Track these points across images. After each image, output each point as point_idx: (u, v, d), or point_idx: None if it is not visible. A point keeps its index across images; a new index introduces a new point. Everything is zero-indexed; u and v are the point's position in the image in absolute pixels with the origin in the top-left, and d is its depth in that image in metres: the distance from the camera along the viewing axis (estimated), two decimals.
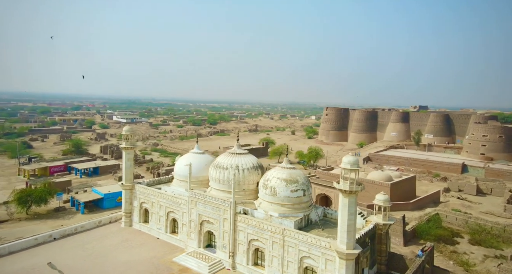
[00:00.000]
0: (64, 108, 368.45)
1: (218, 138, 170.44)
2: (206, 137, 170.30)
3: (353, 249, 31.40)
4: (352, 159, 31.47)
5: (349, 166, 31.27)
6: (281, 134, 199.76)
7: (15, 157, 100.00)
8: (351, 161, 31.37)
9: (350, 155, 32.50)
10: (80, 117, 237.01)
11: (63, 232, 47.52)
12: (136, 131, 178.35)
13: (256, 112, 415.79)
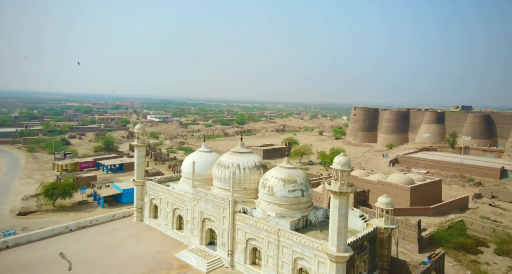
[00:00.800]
0: (106, 108, 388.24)
1: (244, 137, 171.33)
2: (232, 136, 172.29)
3: (344, 251, 30.63)
4: (343, 159, 30.74)
5: (339, 167, 30.60)
6: (309, 134, 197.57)
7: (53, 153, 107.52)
8: (341, 162, 30.68)
9: (343, 155, 31.66)
10: (118, 117, 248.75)
11: (78, 224, 50.42)
12: (166, 130, 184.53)
13: (287, 112, 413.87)
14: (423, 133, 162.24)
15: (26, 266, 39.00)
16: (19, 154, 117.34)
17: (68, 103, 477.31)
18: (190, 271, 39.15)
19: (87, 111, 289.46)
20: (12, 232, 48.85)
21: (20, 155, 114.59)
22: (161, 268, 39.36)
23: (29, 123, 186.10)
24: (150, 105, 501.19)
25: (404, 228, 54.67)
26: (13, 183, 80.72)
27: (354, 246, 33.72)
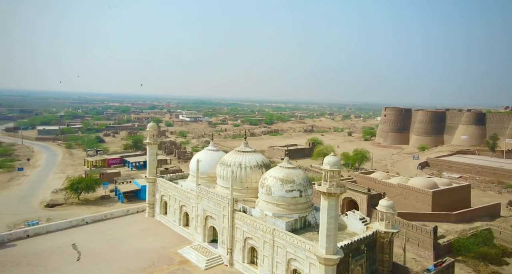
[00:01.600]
0: (142, 107, 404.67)
1: (270, 137, 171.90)
2: (258, 136, 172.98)
3: (334, 254, 29.96)
4: (332, 160, 30.06)
5: (328, 167, 29.98)
6: (337, 135, 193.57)
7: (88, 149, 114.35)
8: (330, 162, 30.02)
9: (332, 155, 30.96)
10: (152, 116, 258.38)
11: (94, 218, 53.24)
12: (195, 129, 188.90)
13: (319, 113, 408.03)
14: (460, 135, 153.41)
15: (40, 255, 41.86)
16: (58, 150, 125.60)
17: (110, 103, 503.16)
18: (190, 267, 40.04)
19: (125, 111, 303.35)
20: (35, 222, 52.58)
21: (59, 151, 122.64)
22: (162, 263, 40.62)
23: (71, 121, 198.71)
24: (185, 105, 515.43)
25: (419, 234, 52.28)
26: (47, 177, 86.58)
27: (348, 249, 32.87)
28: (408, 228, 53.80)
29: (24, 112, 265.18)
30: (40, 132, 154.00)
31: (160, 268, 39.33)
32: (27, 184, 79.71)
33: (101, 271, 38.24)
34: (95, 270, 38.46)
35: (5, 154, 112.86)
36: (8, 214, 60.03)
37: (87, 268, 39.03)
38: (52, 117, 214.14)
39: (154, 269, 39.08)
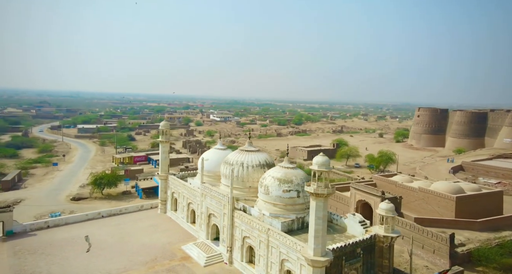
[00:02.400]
0: (177, 107, 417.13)
1: (296, 138, 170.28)
2: (284, 137, 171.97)
3: (322, 256, 29.36)
4: (320, 160, 29.50)
5: (316, 167, 29.47)
6: (367, 136, 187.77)
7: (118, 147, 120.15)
8: (318, 162, 29.51)
9: (321, 155, 30.33)
10: (184, 116, 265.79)
11: (109, 212, 55.90)
12: (223, 129, 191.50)
13: (352, 113, 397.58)
14: (503, 138, 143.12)
15: (55, 245, 44.68)
16: (92, 147, 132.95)
17: (149, 103, 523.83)
18: (190, 264, 40.90)
19: (160, 111, 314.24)
20: (58, 214, 56.16)
21: (93, 148, 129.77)
22: (164, 258, 41.84)
23: (109, 120, 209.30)
24: (218, 105, 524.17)
25: (434, 241, 49.75)
26: (78, 172, 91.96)
27: (341, 251, 32.09)
28: (423, 234, 51.37)
29: (70, 112, 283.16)
30: (80, 130, 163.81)
31: (161, 263, 40.55)
32: (58, 178, 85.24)
33: (106, 263, 40.11)
34: (101, 262, 40.42)
35: (46, 150, 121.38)
36: (37, 205, 64.62)
37: (95, 259, 41.11)
38: (92, 116, 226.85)
39: (156, 264, 40.36)
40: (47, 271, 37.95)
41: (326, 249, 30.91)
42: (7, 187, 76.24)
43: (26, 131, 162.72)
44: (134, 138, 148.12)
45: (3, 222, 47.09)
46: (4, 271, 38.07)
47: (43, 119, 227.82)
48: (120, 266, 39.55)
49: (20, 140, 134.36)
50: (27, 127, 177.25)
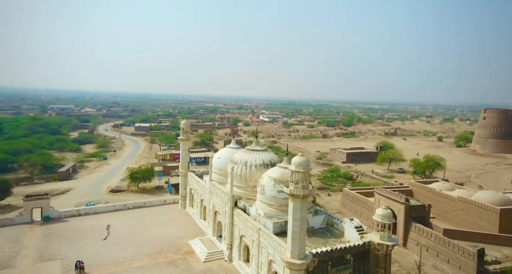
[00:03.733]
0: (231, 108, 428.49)
1: (341, 139, 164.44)
2: (329, 138, 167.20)
3: (298, 258, 28.60)
4: (298, 160, 28.70)
5: (293, 167, 28.76)
6: (424, 140, 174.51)
7: (163, 144, 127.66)
8: (296, 162, 28.76)
9: (300, 155, 29.47)
10: (236, 116, 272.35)
11: (134, 204, 59.83)
12: (268, 129, 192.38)
13: (414, 115, 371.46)
14: None
15: (79, 231, 49.17)
16: (143, 144, 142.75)
17: (206, 104, 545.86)
18: (191, 258, 42.25)
19: (213, 111, 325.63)
20: (92, 204, 61.65)
21: (143, 145, 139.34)
22: (169, 251, 43.77)
23: (163, 120, 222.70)
24: (273, 106, 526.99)
25: (461, 256, 45.39)
26: (123, 166, 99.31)
27: (326, 256, 30.94)
28: (448, 247, 47.01)
29: (134, 112, 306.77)
30: (136, 128, 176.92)
31: (165, 255, 42.49)
32: (105, 171, 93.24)
33: (117, 251, 43.12)
34: (113, 250, 43.57)
35: (104, 145, 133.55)
36: (79, 195, 71.57)
37: (108, 247, 44.45)
38: (151, 116, 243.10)
39: (160, 256, 42.41)
40: (65, 254, 41.98)
41: (308, 252, 30.06)
42: (62, 177, 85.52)
43: (93, 129, 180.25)
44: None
45: (42, 208, 53.06)
46: (31, 251, 42.98)
47: (110, 118, 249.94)
48: (127, 255, 42.28)
49: (85, 136, 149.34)
50: (94, 125, 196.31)
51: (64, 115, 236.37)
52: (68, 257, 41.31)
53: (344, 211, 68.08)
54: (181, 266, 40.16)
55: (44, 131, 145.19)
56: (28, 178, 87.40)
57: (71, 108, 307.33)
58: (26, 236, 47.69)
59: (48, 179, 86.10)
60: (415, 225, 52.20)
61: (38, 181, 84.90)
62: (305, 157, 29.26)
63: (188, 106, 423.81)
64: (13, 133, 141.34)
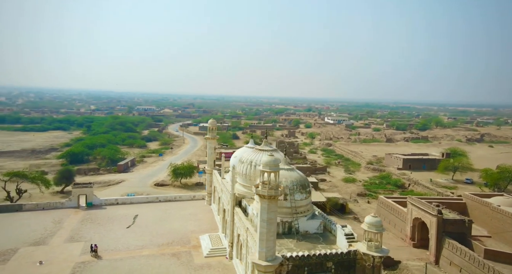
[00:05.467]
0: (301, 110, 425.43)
1: (407, 144, 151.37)
2: (394, 142, 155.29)
3: (266, 260, 27.93)
4: (266, 159, 28.04)
5: (261, 167, 28.24)
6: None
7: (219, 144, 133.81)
8: (263, 161, 28.18)
9: (270, 155, 28.71)
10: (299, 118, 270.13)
11: (165, 198, 63.81)
12: (328, 131, 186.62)
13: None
14: None
15: (110, 218, 54.36)
16: (201, 143, 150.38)
17: (277, 105, 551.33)
18: (196, 252, 43.71)
19: (279, 113, 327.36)
20: (132, 194, 67.56)
21: (200, 144, 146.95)
22: (178, 243, 45.93)
23: (228, 120, 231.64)
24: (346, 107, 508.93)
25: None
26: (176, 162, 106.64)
27: (303, 261, 29.69)
28: (483, 270, 40.82)
29: (205, 112, 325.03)
30: (200, 128, 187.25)
31: (172, 247, 44.70)
32: (158, 166, 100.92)
33: (133, 240, 46.60)
34: (130, 238, 47.23)
35: (166, 143, 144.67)
36: (128, 186, 78.91)
37: (128, 235, 48.33)
38: (217, 116, 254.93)
39: (168, 247, 44.76)
40: (90, 238, 46.89)
41: (281, 255, 29.17)
42: (120, 169, 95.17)
43: (163, 127, 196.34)
44: (238, 137, 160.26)
45: (86, 195, 60.01)
46: (66, 232, 48.94)
47: (182, 119, 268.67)
48: (140, 243, 45.53)
49: (153, 134, 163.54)
50: (166, 125, 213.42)
51: (144, 115, 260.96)
52: (91, 240, 46.05)
53: None
54: (183, 259, 41.88)
55: (121, 129, 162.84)
56: (96, 169, 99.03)
57: (153, 109, 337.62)
58: (68, 218, 54.44)
59: (110, 170, 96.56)
60: (449, 242, 46.33)
61: (103, 172, 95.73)
62: (274, 157, 28.44)
63: (256, 108, 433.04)
64: (97, 130, 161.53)
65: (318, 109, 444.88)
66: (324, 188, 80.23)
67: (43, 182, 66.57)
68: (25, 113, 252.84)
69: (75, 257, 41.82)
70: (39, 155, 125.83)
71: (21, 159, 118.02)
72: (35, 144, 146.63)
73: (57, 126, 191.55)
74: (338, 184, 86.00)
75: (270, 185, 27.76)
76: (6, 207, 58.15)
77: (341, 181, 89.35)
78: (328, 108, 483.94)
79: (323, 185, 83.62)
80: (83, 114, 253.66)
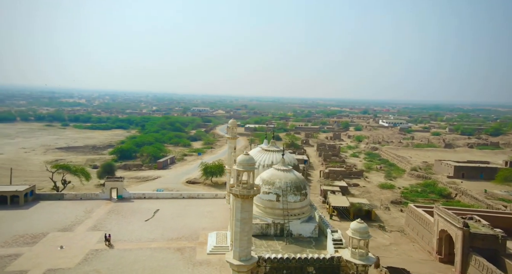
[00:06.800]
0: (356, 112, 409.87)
1: (469, 150, 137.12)
2: (452, 149, 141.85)
3: (240, 260, 27.68)
4: (239, 158, 27.81)
5: (235, 166, 28.07)
6: None
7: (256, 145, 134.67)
8: (238, 160, 28.00)
9: (245, 154, 28.32)
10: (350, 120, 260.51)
11: (189, 195, 65.86)
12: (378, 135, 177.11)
13: None
14: None
15: (133, 211, 57.61)
16: (243, 143, 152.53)
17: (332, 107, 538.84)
18: (201, 249, 44.44)
19: (330, 115, 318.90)
20: (161, 190, 70.97)
21: (242, 144, 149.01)
22: (186, 239, 47.10)
23: (275, 121, 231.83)
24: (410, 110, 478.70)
25: None
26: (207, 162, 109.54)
27: (280, 264, 29.08)
28: None
29: (255, 114, 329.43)
30: (245, 129, 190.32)
31: (179, 242, 45.97)
32: (195, 165, 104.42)
33: (146, 233, 48.72)
34: (144, 231, 49.43)
35: (209, 142, 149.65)
36: (162, 182, 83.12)
37: (143, 228, 50.74)
38: (265, 118, 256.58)
39: (175, 241, 46.15)
40: (109, 228, 50.11)
41: (259, 256, 28.73)
42: (159, 166, 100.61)
43: (210, 128, 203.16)
44: (280, 138, 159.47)
45: (117, 188, 64.47)
46: (92, 221, 52.97)
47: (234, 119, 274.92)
48: (152, 237, 47.61)
49: (199, 134, 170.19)
50: (214, 125, 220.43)
51: (197, 116, 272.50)
52: (110, 230, 49.20)
53: (407, 230, 58.91)
54: (186, 254, 42.94)
55: (170, 128, 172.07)
56: (140, 165, 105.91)
57: (207, 110, 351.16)
58: (98, 209, 58.90)
59: (151, 167, 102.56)
60: (476, 258, 41.45)
61: (144, 168, 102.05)
62: (249, 156, 28.05)
63: (309, 109, 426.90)
64: (149, 129, 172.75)
65: (375, 112, 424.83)
66: (355, 193, 76.51)
67: (84, 174, 72.88)
68: (96, 113, 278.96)
69: (91, 244, 45.05)
70: (97, 150, 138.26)
71: (82, 153, 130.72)
72: (97, 140, 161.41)
73: (119, 125, 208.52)
74: (372, 190, 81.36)
75: (244, 184, 27.48)
76: (50, 195, 64.75)
77: (376, 186, 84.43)
78: (389, 111, 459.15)
79: (355, 190, 79.79)
80: (143, 115, 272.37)
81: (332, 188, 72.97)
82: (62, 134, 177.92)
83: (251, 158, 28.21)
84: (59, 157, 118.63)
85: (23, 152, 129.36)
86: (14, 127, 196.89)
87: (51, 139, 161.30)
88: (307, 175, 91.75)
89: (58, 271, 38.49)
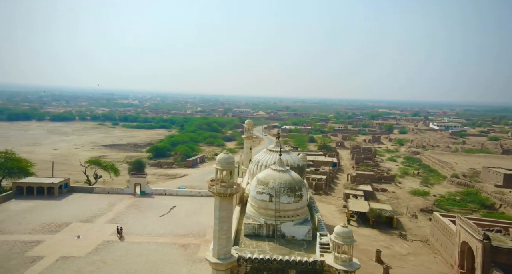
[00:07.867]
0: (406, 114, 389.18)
1: None
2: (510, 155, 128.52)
3: (218, 258, 27.60)
4: (219, 157, 27.77)
5: (215, 164, 28.00)
6: None
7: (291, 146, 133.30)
8: (218, 158, 28.01)
9: (225, 152, 28.09)
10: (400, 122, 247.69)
11: (207, 193, 66.58)
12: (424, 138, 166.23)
13: None
14: None
15: (151, 206, 59.82)
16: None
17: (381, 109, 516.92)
18: (205, 246, 44.76)
19: (376, 117, 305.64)
20: (183, 187, 72.87)
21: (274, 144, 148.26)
22: (193, 236, 47.93)
23: (314, 123, 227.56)
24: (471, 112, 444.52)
25: None
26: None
27: (261, 265, 28.37)
28: None
29: (295, 115, 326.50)
30: (282, 130, 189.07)
31: (185, 239, 46.88)
32: None
33: (157, 227, 50.44)
34: (157, 225, 51.23)
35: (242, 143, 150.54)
36: (187, 180, 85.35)
37: (156, 223, 52.45)
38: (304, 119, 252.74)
39: (182, 237, 47.15)
40: (125, 222, 52.55)
41: (239, 255, 28.41)
42: (189, 165, 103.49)
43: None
44: (315, 140, 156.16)
45: (140, 184, 67.41)
46: (112, 214, 55.87)
47: (272, 121, 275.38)
48: (161, 231, 49.10)
49: (234, 134, 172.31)
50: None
51: (237, 117, 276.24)
52: (125, 223, 51.67)
53: (431, 240, 54.83)
54: (189, 250, 43.69)
55: (206, 128, 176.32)
56: (171, 163, 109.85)
57: (248, 111, 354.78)
58: (121, 203, 62.02)
59: (181, 165, 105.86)
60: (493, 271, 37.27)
61: (175, 166, 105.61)
62: (228, 154, 27.90)
63: (353, 111, 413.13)
64: (187, 129, 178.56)
65: (428, 114, 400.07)
66: (381, 199, 72.52)
67: (113, 169, 77.15)
68: (144, 114, 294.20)
69: (105, 236, 47.53)
70: (138, 148, 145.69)
71: (124, 151, 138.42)
72: (139, 139, 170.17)
73: (162, 125, 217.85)
74: (401, 196, 76.56)
75: (222, 183, 27.37)
76: (82, 188, 69.44)
77: (407, 193, 79.31)
78: (445, 113, 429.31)
79: (382, 195, 75.66)
80: (186, 115, 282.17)
81: (355, 192, 69.89)
82: (111, 133, 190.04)
83: (230, 156, 28.02)
84: (103, 153, 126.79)
85: (74, 148, 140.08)
86: (72, 126, 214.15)
87: (100, 137, 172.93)
88: (333, 178, 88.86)
89: (69, 259, 41.06)
